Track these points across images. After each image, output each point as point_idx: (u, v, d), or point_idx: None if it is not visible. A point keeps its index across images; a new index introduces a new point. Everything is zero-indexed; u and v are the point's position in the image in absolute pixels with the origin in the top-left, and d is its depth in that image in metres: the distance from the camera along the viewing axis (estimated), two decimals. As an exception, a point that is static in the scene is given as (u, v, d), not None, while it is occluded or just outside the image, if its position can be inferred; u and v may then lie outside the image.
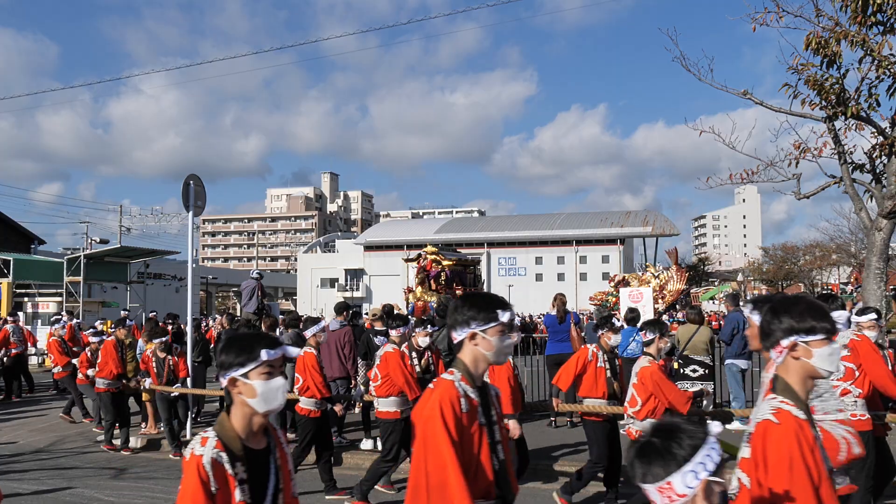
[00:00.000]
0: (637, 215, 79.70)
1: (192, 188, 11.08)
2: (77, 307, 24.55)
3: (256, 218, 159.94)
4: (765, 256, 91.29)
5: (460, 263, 20.77)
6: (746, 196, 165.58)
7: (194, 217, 11.35)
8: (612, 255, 75.89)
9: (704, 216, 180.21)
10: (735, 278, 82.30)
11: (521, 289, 69.71)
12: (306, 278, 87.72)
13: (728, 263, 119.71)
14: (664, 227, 75.43)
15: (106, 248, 31.71)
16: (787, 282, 73.43)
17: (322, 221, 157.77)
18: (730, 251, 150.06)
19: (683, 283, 38.74)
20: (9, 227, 38.37)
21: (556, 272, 76.80)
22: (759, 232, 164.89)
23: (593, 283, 64.85)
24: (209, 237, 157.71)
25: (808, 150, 10.34)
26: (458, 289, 18.99)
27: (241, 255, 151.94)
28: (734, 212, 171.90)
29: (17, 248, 35.08)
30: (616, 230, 76.20)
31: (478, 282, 21.72)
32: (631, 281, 35.77)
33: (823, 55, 9.36)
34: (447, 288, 18.89)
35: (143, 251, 30.72)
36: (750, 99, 10.36)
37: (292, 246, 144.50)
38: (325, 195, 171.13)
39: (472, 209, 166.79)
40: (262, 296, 15.36)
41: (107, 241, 42.59)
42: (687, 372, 11.11)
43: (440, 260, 19.40)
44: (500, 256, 79.79)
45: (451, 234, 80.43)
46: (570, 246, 77.19)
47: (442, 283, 19.00)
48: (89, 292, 27.87)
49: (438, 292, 18.47)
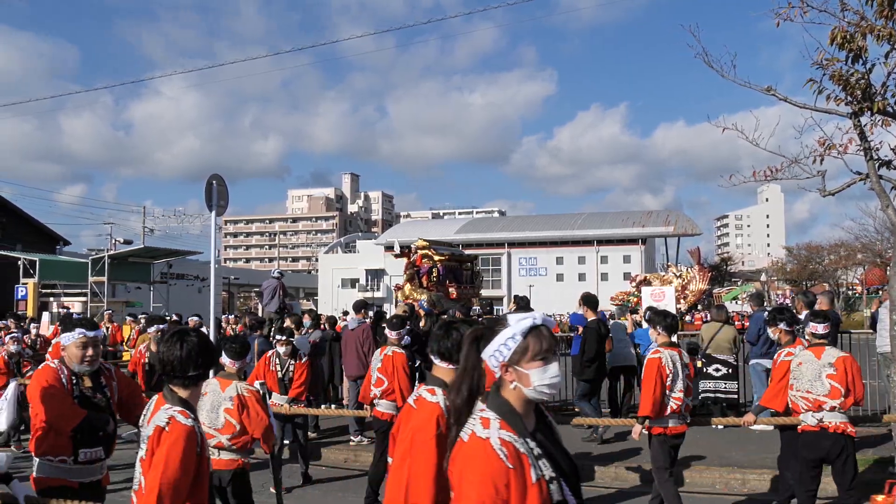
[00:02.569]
0: (658, 215, 79.22)
1: (214, 188, 11.13)
2: (101, 307, 24.77)
3: (278, 218, 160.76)
4: (788, 256, 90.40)
5: (455, 259, 19.33)
6: (770, 195, 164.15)
7: (217, 217, 11.41)
8: (633, 255, 75.49)
9: (727, 215, 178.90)
10: (758, 278, 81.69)
11: (541, 289, 69.47)
12: (327, 278, 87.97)
13: (751, 263, 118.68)
14: (686, 226, 74.91)
15: (129, 248, 32.00)
16: (811, 281, 72.63)
17: (343, 222, 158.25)
18: (753, 251, 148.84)
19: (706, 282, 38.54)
20: (34, 228, 38.80)
21: (577, 272, 76.49)
22: (782, 231, 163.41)
23: (615, 283, 64.52)
24: (231, 238, 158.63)
25: (833, 147, 10.20)
26: (452, 286, 17.87)
27: (262, 255, 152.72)
28: (757, 211, 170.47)
29: (42, 248, 35.47)
30: (637, 230, 75.76)
31: (475, 279, 20.26)
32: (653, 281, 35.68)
33: (849, 50, 9.24)
34: (439, 285, 17.60)
35: (166, 251, 30.96)
36: (774, 95, 10.23)
37: (313, 246, 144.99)
38: (346, 196, 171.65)
39: (492, 209, 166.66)
40: (283, 295, 15.42)
41: (130, 241, 42.93)
42: (710, 371, 11.03)
43: (431, 255, 18.05)
44: (520, 256, 79.62)
45: (471, 235, 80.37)
46: (592, 246, 76.85)
47: (434, 281, 17.64)
48: (114, 292, 28.12)
49: (429, 290, 17.11)
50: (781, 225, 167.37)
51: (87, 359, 4.67)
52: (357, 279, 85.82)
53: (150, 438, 3.21)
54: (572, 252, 77.61)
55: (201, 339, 3.47)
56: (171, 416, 3.24)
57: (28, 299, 26.06)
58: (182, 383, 3.39)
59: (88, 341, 4.68)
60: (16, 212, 37.96)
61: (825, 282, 69.87)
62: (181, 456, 3.14)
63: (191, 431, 3.24)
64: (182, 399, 3.37)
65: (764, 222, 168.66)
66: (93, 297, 26.07)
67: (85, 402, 4.69)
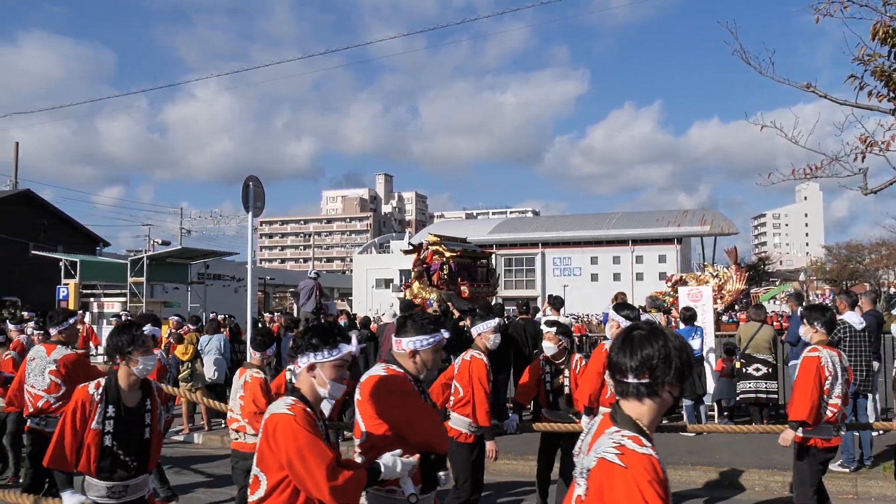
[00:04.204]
0: (694, 214, 78.37)
1: (251, 189, 11.24)
2: (140, 307, 25.11)
3: (312, 219, 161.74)
4: (828, 255, 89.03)
5: (468, 255, 18.04)
6: (808, 194, 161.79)
7: (253, 218, 11.52)
8: (668, 255, 74.78)
9: (764, 214, 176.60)
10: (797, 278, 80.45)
11: (576, 289, 69.13)
12: (361, 279, 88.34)
13: (789, 263, 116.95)
14: (722, 225, 74.03)
15: (167, 249, 32.40)
16: (851, 281, 71.41)
17: (377, 222, 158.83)
18: (791, 250, 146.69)
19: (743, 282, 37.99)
20: (75, 229, 39.49)
21: (612, 272, 75.97)
22: (821, 230, 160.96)
23: (650, 283, 63.97)
24: (266, 238, 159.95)
25: (874, 144, 10.03)
26: (464, 284, 16.66)
27: (297, 255, 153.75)
28: (795, 210, 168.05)
29: (83, 249, 36.06)
30: (673, 229, 75.03)
31: (490, 276, 18.83)
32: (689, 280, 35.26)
33: (892, 45, 9.08)
34: (451, 283, 16.41)
35: (204, 252, 31.26)
36: (813, 92, 10.08)
37: (347, 247, 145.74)
38: (380, 196, 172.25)
39: (525, 209, 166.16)
40: (320, 295, 15.53)
41: (168, 242, 43.55)
42: (750, 371, 10.89)
43: (442, 251, 16.84)
44: (554, 256, 79.28)
45: (505, 235, 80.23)
46: (626, 245, 76.28)
47: (445, 278, 16.47)
48: (152, 292, 28.49)
49: (439, 288, 16.08)
50: (820, 224, 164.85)
51: None
52: (391, 279, 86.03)
53: None
54: (607, 252, 77.10)
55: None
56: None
57: (69, 299, 26.49)
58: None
59: None
60: (57, 214, 38.66)
61: (866, 281, 68.65)
62: None
63: None
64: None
65: (802, 221, 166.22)
66: (132, 298, 26.43)
67: None
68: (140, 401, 4.46)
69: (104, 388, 4.34)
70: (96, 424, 4.25)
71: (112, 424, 4.28)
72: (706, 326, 12.12)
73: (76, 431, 4.24)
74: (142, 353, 4.35)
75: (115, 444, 4.28)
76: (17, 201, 36.57)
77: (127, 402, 4.38)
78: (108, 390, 4.35)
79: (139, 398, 4.46)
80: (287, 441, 3.14)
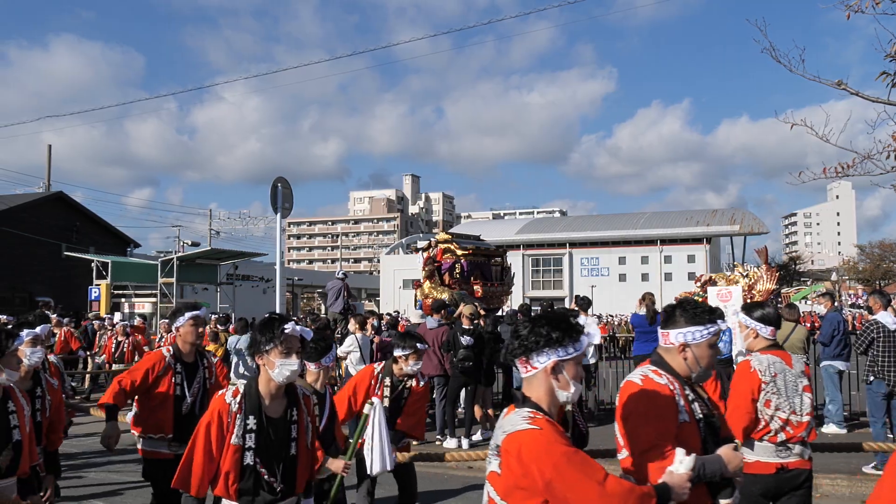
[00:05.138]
0: (723, 213, 77.63)
1: (280, 190, 11.33)
2: (170, 307, 25.38)
3: (340, 220, 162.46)
4: (860, 254, 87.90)
5: (481, 253, 17.54)
6: (840, 192, 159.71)
7: (282, 219, 11.60)
8: (697, 255, 74.14)
9: (795, 213, 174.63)
10: (829, 278, 79.54)
11: (604, 289, 68.81)
12: (389, 279, 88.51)
13: (821, 262, 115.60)
14: (752, 225, 73.27)
15: (197, 250, 32.67)
16: (884, 281, 70.38)
17: (404, 223, 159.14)
18: (823, 249, 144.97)
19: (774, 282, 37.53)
20: (107, 231, 40.00)
21: (640, 272, 75.48)
22: (853, 229, 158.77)
23: (679, 284, 63.46)
24: (294, 239, 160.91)
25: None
26: (477, 284, 16.26)
27: (324, 256, 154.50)
28: (827, 209, 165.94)
29: (114, 251, 36.55)
30: (702, 229, 74.37)
31: (506, 276, 18.37)
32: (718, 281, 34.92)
33: (925, 41, 8.93)
34: (463, 283, 16.02)
35: (232, 253, 31.56)
36: (845, 90, 9.95)
37: (375, 247, 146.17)
38: (407, 197, 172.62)
39: (552, 209, 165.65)
40: (347, 296, 15.60)
41: (197, 243, 43.87)
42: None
43: (454, 249, 16.42)
44: (582, 257, 78.93)
45: (532, 235, 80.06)
46: (655, 245, 75.76)
47: (457, 277, 16.05)
48: (182, 293, 28.79)
49: (451, 287, 15.60)
50: (852, 222, 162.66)
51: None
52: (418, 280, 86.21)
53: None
54: (635, 252, 76.63)
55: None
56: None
57: (101, 300, 26.87)
58: None
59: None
60: (89, 216, 39.19)
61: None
62: None
63: None
64: None
65: (834, 220, 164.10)
66: (162, 298, 26.72)
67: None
68: (285, 410, 3.79)
69: (243, 395, 3.72)
70: (235, 439, 3.63)
71: (253, 438, 3.65)
72: (735, 328, 11.99)
73: (210, 448, 3.65)
74: (281, 354, 3.65)
75: (258, 462, 3.66)
76: (50, 203, 37.14)
77: (269, 412, 3.72)
78: (248, 398, 3.71)
79: (283, 407, 3.79)
80: (540, 461, 2.56)
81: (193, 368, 5.61)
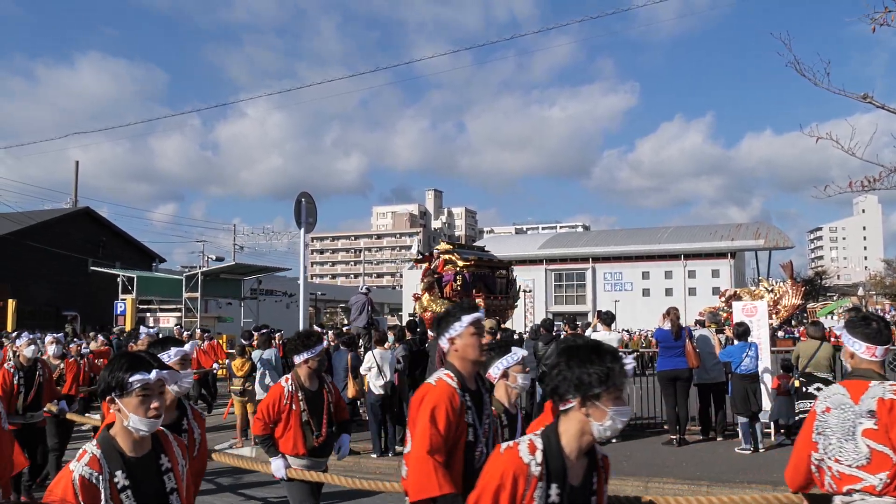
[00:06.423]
0: (748, 227, 77.02)
1: (304, 205, 11.41)
2: (194, 322, 25.56)
3: (363, 235, 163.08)
4: (888, 269, 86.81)
5: (484, 265, 16.70)
6: (866, 206, 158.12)
7: (305, 233, 11.67)
8: (722, 270, 73.52)
9: (821, 228, 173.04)
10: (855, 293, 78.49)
11: (627, 304, 68.39)
12: (411, 294, 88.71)
13: (847, 277, 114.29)
14: (777, 239, 72.62)
15: (221, 265, 32.93)
16: (913, 296, 69.45)
17: (427, 238, 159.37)
18: (849, 264, 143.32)
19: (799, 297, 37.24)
20: (132, 246, 40.47)
21: (664, 287, 74.96)
22: (880, 243, 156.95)
23: (703, 298, 62.98)
24: (317, 254, 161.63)
25: (936, 156, 9.76)
26: (480, 296, 15.30)
27: (347, 271, 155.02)
28: (853, 223, 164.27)
29: (139, 265, 36.94)
30: (726, 243, 73.80)
31: (510, 288, 17.54)
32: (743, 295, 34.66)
33: (953, 55, 8.84)
34: (465, 295, 14.95)
35: (256, 268, 31.75)
36: (871, 103, 9.87)
37: (397, 262, 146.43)
38: (430, 212, 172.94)
39: (575, 224, 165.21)
40: (371, 310, 15.64)
41: (222, 258, 44.23)
42: (811, 390, 10.61)
43: (455, 260, 15.65)
44: (605, 271, 78.53)
45: (555, 249, 79.82)
46: (678, 260, 75.24)
47: (458, 290, 15.23)
48: (206, 308, 29.01)
49: (451, 300, 14.64)
50: (879, 237, 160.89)
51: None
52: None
53: None
54: (659, 266, 76.14)
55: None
56: None
57: (126, 314, 27.11)
58: None
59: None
60: (115, 231, 39.67)
61: (929, 296, 66.67)
62: None
63: None
64: None
65: (860, 234, 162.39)
66: (187, 313, 26.92)
67: None
68: (586, 473, 2.66)
69: (543, 452, 2.56)
70: None
71: None
72: (761, 342, 11.88)
73: None
74: (613, 401, 2.51)
75: None
76: (77, 219, 37.65)
77: (573, 478, 2.60)
78: (550, 457, 2.56)
79: (584, 468, 2.65)
80: None
81: None
